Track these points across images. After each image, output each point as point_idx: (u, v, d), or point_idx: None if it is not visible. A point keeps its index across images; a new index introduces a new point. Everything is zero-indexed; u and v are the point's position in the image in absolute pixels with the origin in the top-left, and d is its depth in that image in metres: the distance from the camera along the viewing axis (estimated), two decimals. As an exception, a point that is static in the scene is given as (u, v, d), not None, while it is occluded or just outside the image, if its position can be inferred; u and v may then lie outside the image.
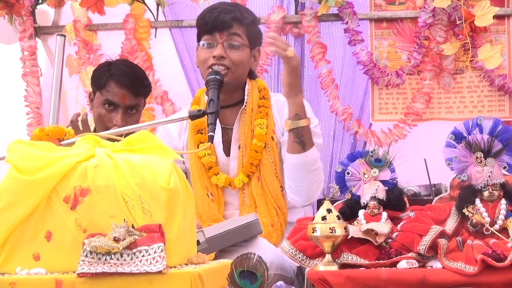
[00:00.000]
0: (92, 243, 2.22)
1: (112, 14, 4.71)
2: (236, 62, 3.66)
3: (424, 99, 4.40)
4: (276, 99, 3.78)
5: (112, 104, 3.83)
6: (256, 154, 3.65)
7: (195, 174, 3.72)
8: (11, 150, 2.42)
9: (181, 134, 3.83)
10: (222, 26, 3.67)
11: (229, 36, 3.67)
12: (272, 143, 3.67)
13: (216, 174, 3.68)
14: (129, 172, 2.36)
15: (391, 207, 2.70)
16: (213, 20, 3.69)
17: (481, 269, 2.40)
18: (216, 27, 3.67)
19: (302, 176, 3.52)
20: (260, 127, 3.67)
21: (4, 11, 4.61)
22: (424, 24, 4.34)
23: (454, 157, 2.63)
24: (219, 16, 3.70)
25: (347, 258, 2.57)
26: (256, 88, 3.77)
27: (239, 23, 3.70)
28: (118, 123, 3.81)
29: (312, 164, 3.52)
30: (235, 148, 3.70)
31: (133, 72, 3.91)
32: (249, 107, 3.71)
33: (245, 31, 3.71)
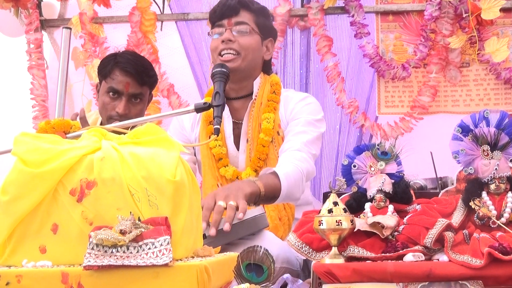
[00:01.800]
0: (98, 235, 2.22)
1: (118, 7, 4.71)
2: (245, 46, 3.69)
3: (430, 92, 4.40)
4: (285, 95, 3.80)
5: (116, 92, 3.86)
6: (263, 148, 3.66)
7: (206, 164, 3.76)
8: (17, 142, 2.42)
9: (194, 127, 3.87)
10: (229, 12, 3.70)
11: (237, 23, 3.70)
12: (278, 137, 3.68)
13: (225, 166, 3.70)
14: (135, 164, 2.35)
15: (397, 200, 2.69)
16: (221, 7, 3.73)
17: (487, 262, 2.39)
18: (223, 14, 3.71)
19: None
20: (267, 121, 3.68)
21: (10, 4, 4.61)
22: (430, 17, 4.33)
23: (461, 150, 2.63)
24: (226, 2, 3.73)
25: (354, 251, 2.57)
26: (269, 83, 3.79)
27: (246, 8, 3.73)
28: (120, 110, 3.83)
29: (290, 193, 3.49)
30: (244, 141, 3.72)
31: (139, 61, 3.93)
32: (258, 100, 3.73)
33: (253, 18, 3.74)
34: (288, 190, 3.40)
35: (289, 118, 3.74)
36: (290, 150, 3.59)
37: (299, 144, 3.60)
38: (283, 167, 3.48)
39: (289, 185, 3.40)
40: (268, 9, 3.90)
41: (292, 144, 3.62)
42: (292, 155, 3.56)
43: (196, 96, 4.63)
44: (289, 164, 3.50)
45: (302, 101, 3.80)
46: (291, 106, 3.77)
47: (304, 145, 3.60)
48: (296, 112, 3.75)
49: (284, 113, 3.75)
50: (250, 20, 3.73)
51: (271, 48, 3.83)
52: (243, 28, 3.71)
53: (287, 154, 3.57)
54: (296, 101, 3.79)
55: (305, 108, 3.76)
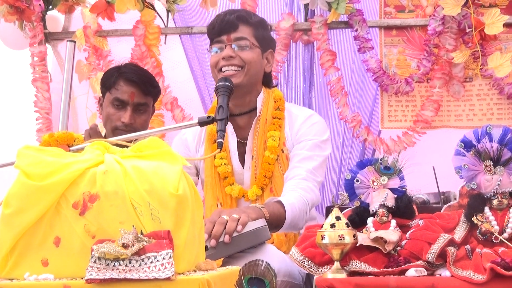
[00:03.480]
0: (101, 249, 2.22)
1: (122, 20, 4.72)
2: (247, 60, 3.66)
3: (434, 106, 4.40)
4: (289, 110, 3.79)
5: (121, 102, 3.87)
6: (269, 166, 3.65)
7: (208, 184, 3.74)
8: (21, 155, 2.42)
9: (198, 147, 3.85)
10: (228, 27, 3.68)
11: (236, 38, 3.67)
12: (282, 155, 3.67)
13: (231, 184, 3.69)
14: (138, 178, 2.36)
15: (400, 215, 2.69)
16: (219, 23, 3.71)
17: (490, 277, 2.39)
18: (222, 29, 3.68)
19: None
20: (272, 139, 3.67)
21: (14, 17, 4.62)
22: (434, 32, 4.34)
23: (464, 165, 2.63)
24: (225, 17, 3.71)
25: (356, 265, 2.57)
26: (272, 98, 3.77)
27: (244, 22, 3.71)
28: (126, 120, 3.84)
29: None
30: (249, 158, 3.71)
31: (142, 72, 3.97)
32: (263, 117, 3.72)
33: (253, 32, 3.72)
34: (292, 220, 3.39)
35: (294, 139, 3.72)
36: (296, 179, 3.57)
37: (305, 173, 3.57)
38: (288, 196, 3.46)
39: (293, 215, 3.40)
40: (266, 21, 3.88)
41: (298, 172, 3.59)
42: (297, 185, 3.54)
43: (199, 109, 4.63)
44: (294, 194, 3.49)
45: (307, 120, 3.76)
46: (297, 126, 3.74)
47: (310, 173, 3.58)
48: (302, 133, 3.72)
49: (290, 132, 3.73)
50: (249, 34, 3.70)
51: (271, 59, 3.81)
52: (243, 43, 3.67)
53: (292, 183, 3.56)
54: (302, 121, 3.75)
55: (310, 129, 3.73)
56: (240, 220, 3.07)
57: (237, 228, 3.04)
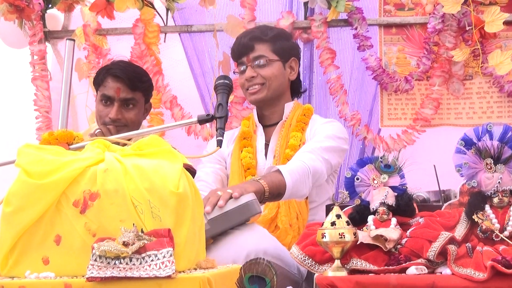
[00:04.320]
0: (101, 247, 2.22)
1: (121, 18, 4.72)
2: (268, 77, 3.90)
3: (433, 105, 4.40)
4: (313, 118, 3.98)
5: (108, 99, 3.91)
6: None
7: (235, 173, 3.90)
8: (21, 154, 2.42)
9: (229, 143, 4.03)
10: (245, 50, 3.92)
11: (254, 58, 3.90)
12: None
13: (252, 175, 3.82)
14: (138, 176, 2.36)
15: (400, 213, 2.69)
16: (237, 46, 3.97)
17: (490, 275, 2.39)
18: (241, 52, 3.94)
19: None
20: (294, 139, 3.84)
21: (14, 16, 4.62)
22: (434, 30, 4.34)
23: (464, 163, 2.63)
24: (241, 40, 3.96)
25: (356, 263, 2.57)
26: (301, 108, 3.99)
27: (260, 41, 3.93)
28: (112, 115, 3.86)
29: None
30: (271, 157, 3.88)
31: (130, 67, 3.98)
32: (287, 122, 3.93)
33: (270, 48, 3.93)
34: (293, 186, 3.48)
35: (312, 136, 3.86)
36: (300, 152, 3.70)
37: (311, 148, 3.70)
38: (288, 164, 3.58)
39: (293, 180, 3.48)
40: (285, 31, 4.12)
41: (304, 148, 3.73)
42: (300, 155, 3.66)
43: (199, 107, 4.63)
44: (294, 161, 3.61)
45: (327, 123, 3.94)
46: (316, 125, 3.91)
47: (316, 149, 3.69)
48: (319, 130, 3.87)
49: (309, 133, 3.89)
50: (266, 51, 3.92)
51: (296, 66, 4.01)
52: (261, 61, 3.90)
53: (296, 155, 3.69)
54: (322, 122, 3.94)
55: (327, 127, 3.88)
56: (222, 196, 3.14)
57: (219, 203, 3.11)
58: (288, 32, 4.21)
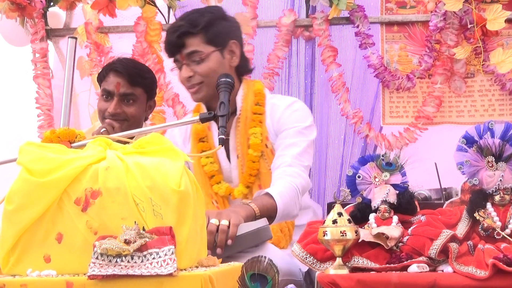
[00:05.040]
0: (103, 245, 2.22)
1: (123, 16, 4.72)
2: (205, 73, 3.58)
3: (435, 102, 4.39)
4: (271, 102, 3.72)
5: (108, 94, 3.92)
6: (254, 164, 3.61)
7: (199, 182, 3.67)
8: (23, 152, 2.43)
9: (186, 143, 3.84)
10: (176, 48, 3.61)
11: (189, 55, 3.60)
12: (267, 150, 3.61)
13: (218, 182, 3.67)
14: (140, 174, 2.36)
15: (402, 211, 2.69)
16: (167, 45, 3.67)
17: (492, 273, 2.39)
18: (172, 51, 3.64)
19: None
20: (254, 136, 3.62)
21: (16, 14, 4.62)
22: (435, 28, 4.33)
23: (465, 161, 2.63)
24: (170, 38, 3.63)
25: (358, 261, 2.57)
26: (252, 92, 3.70)
27: (190, 35, 3.60)
28: (110, 109, 3.87)
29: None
30: (234, 157, 3.69)
31: (132, 63, 3.99)
32: (243, 115, 3.67)
33: (202, 39, 3.60)
34: (284, 208, 3.35)
35: (276, 128, 3.66)
36: (281, 167, 3.52)
37: (290, 159, 3.52)
38: (276, 186, 3.43)
39: (284, 203, 3.36)
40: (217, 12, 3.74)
41: (283, 160, 3.54)
42: (284, 172, 3.49)
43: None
44: (282, 182, 3.45)
45: (288, 108, 3.69)
46: (278, 115, 3.67)
47: (295, 158, 3.53)
48: (283, 122, 3.66)
49: (271, 123, 3.66)
50: (199, 44, 3.59)
51: (236, 49, 3.68)
52: (195, 57, 3.59)
53: (279, 172, 3.51)
54: (283, 109, 3.69)
55: (292, 116, 3.67)
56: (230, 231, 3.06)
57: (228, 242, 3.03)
58: (221, 11, 3.81)
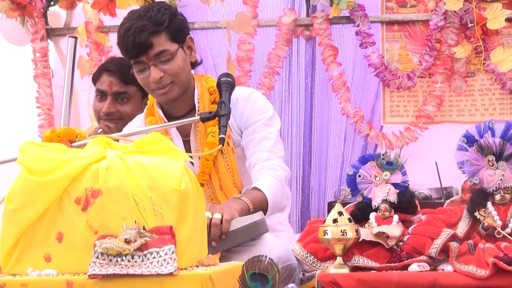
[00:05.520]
0: (103, 244, 2.22)
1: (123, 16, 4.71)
2: (175, 72, 3.44)
3: (436, 102, 4.39)
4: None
5: (102, 93, 3.93)
6: (207, 162, 3.53)
7: None
8: (23, 151, 2.43)
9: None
10: (144, 49, 3.40)
11: (156, 55, 3.42)
12: (227, 148, 3.53)
13: None
14: (140, 174, 2.36)
15: (402, 210, 2.69)
16: (132, 46, 3.41)
17: (492, 272, 2.39)
18: (137, 52, 3.42)
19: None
20: (212, 135, 3.50)
21: (16, 13, 4.62)
22: (436, 27, 4.33)
23: (466, 160, 2.63)
24: (135, 39, 3.40)
25: (358, 261, 2.57)
26: (206, 90, 3.59)
27: (156, 34, 3.42)
28: (104, 109, 3.87)
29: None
30: (197, 161, 3.57)
31: (124, 62, 3.93)
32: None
33: (167, 36, 3.45)
34: (274, 201, 3.34)
35: (241, 124, 3.58)
36: (259, 162, 3.48)
37: (266, 153, 3.48)
38: (261, 180, 3.40)
39: (274, 196, 3.34)
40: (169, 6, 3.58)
41: (259, 156, 3.50)
42: (264, 166, 3.46)
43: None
44: (265, 176, 3.42)
45: (247, 102, 3.58)
46: (239, 111, 3.55)
47: (270, 152, 3.49)
48: (246, 117, 3.56)
49: (233, 118, 3.51)
50: (166, 43, 3.43)
51: (192, 44, 3.58)
52: (164, 57, 3.42)
53: (258, 167, 3.48)
54: (242, 104, 3.57)
55: (253, 110, 3.57)
56: (223, 227, 3.05)
57: (222, 237, 3.03)
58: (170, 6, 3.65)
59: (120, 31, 3.46)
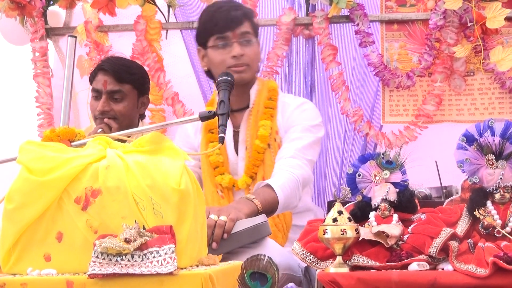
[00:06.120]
0: (103, 244, 2.22)
1: (123, 15, 4.72)
2: (253, 57, 3.69)
3: (435, 101, 4.39)
4: (283, 100, 3.79)
5: (97, 92, 3.94)
6: (258, 155, 3.65)
7: (205, 171, 3.77)
8: (23, 151, 2.43)
9: (197, 133, 3.87)
10: (234, 24, 3.66)
11: (242, 34, 3.67)
12: (274, 144, 3.66)
13: (221, 173, 3.70)
14: (140, 173, 2.36)
15: (402, 209, 2.69)
16: (224, 19, 3.67)
17: (492, 271, 2.39)
18: (228, 26, 3.66)
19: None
20: (263, 128, 3.68)
21: (15, 12, 4.62)
22: (435, 26, 4.33)
23: (466, 159, 2.63)
24: (229, 14, 3.68)
25: (358, 260, 2.57)
26: (266, 89, 3.78)
27: (247, 18, 3.71)
28: (99, 108, 3.89)
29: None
30: (243, 148, 3.72)
31: (118, 61, 4.00)
32: (255, 108, 3.74)
33: (251, 26, 3.73)
34: (285, 201, 3.39)
35: (286, 125, 3.73)
36: (284, 158, 3.57)
37: (293, 151, 3.58)
38: (277, 177, 3.46)
39: (285, 195, 3.39)
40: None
41: (286, 152, 3.60)
42: (286, 163, 3.54)
43: (201, 104, 4.62)
44: (283, 173, 3.48)
45: (298, 108, 3.78)
46: (288, 113, 3.75)
47: (298, 151, 3.58)
48: (293, 119, 3.73)
49: (282, 119, 3.73)
50: (250, 28, 3.71)
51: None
52: (246, 38, 3.68)
53: (281, 163, 3.56)
54: (293, 108, 3.77)
55: (302, 115, 3.74)
56: (226, 226, 3.08)
57: (224, 237, 3.06)
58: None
59: (209, 10, 3.79)
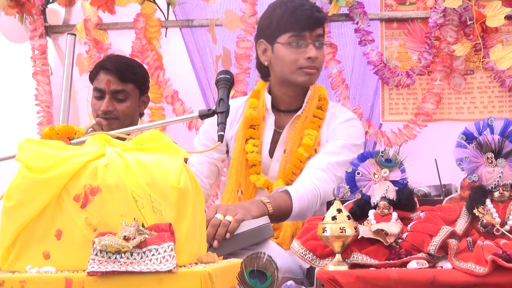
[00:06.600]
0: (102, 241, 2.22)
1: (122, 13, 4.72)
2: (322, 62, 3.70)
3: (435, 99, 4.39)
4: (332, 112, 3.77)
5: (100, 92, 3.93)
6: (300, 163, 3.60)
7: (234, 167, 3.71)
8: (22, 148, 2.42)
9: (233, 124, 3.81)
10: (314, 24, 3.62)
11: (318, 36, 3.65)
12: (314, 154, 3.62)
13: (257, 173, 3.66)
14: (139, 171, 2.36)
15: (401, 207, 2.69)
16: (307, 18, 3.62)
17: (491, 269, 2.39)
18: (309, 26, 3.61)
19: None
20: (309, 137, 3.63)
21: (15, 10, 4.62)
22: (435, 25, 4.33)
23: (465, 158, 2.63)
24: (313, 14, 3.63)
25: (357, 258, 2.57)
26: (317, 96, 3.75)
27: (325, 22, 3.72)
28: (102, 107, 3.88)
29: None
30: (280, 150, 3.68)
31: (121, 60, 4.00)
32: (303, 114, 3.70)
33: (323, 31, 3.72)
34: (299, 212, 3.36)
35: (329, 137, 3.69)
36: (313, 168, 3.52)
37: (325, 164, 3.53)
38: (298, 186, 3.42)
39: (301, 206, 3.36)
40: None
41: (318, 162, 3.55)
42: (313, 173, 3.50)
43: (200, 102, 4.62)
44: (306, 183, 3.44)
45: (345, 122, 3.74)
46: (334, 125, 3.71)
47: (330, 165, 3.53)
48: (337, 133, 3.69)
49: (326, 131, 3.69)
50: (323, 32, 3.71)
51: None
52: (322, 41, 3.67)
53: (309, 172, 3.52)
54: (340, 121, 3.74)
55: (346, 131, 3.71)
56: (230, 226, 3.07)
57: (226, 236, 3.05)
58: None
59: (287, 6, 3.65)
